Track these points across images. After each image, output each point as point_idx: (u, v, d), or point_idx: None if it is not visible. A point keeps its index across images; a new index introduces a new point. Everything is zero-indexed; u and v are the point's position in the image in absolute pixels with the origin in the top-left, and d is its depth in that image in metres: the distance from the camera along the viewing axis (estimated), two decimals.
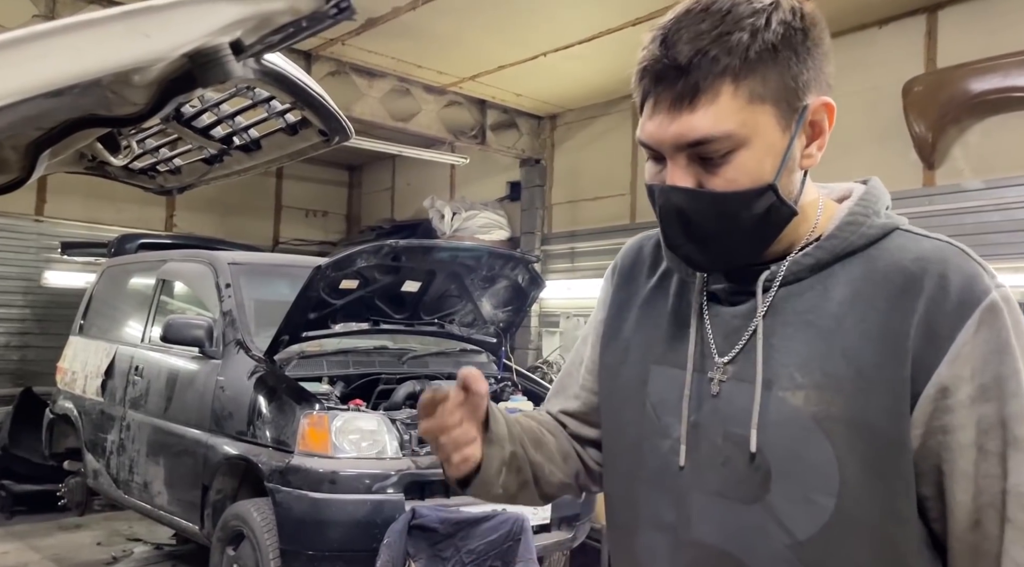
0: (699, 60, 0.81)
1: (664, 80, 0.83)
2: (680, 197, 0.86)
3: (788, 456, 0.85)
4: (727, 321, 0.93)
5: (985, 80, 4.40)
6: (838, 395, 0.83)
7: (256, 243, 7.41)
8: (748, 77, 0.82)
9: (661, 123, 0.84)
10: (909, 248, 0.87)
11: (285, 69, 0.98)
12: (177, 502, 4.06)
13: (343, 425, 3.42)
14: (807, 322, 0.87)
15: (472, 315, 4.42)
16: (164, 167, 1.50)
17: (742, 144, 0.83)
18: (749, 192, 0.85)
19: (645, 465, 0.97)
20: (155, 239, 6.08)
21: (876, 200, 0.92)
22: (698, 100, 0.82)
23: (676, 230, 0.88)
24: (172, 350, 4.24)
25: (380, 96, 6.32)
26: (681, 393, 0.93)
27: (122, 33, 0.47)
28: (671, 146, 0.85)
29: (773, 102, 0.83)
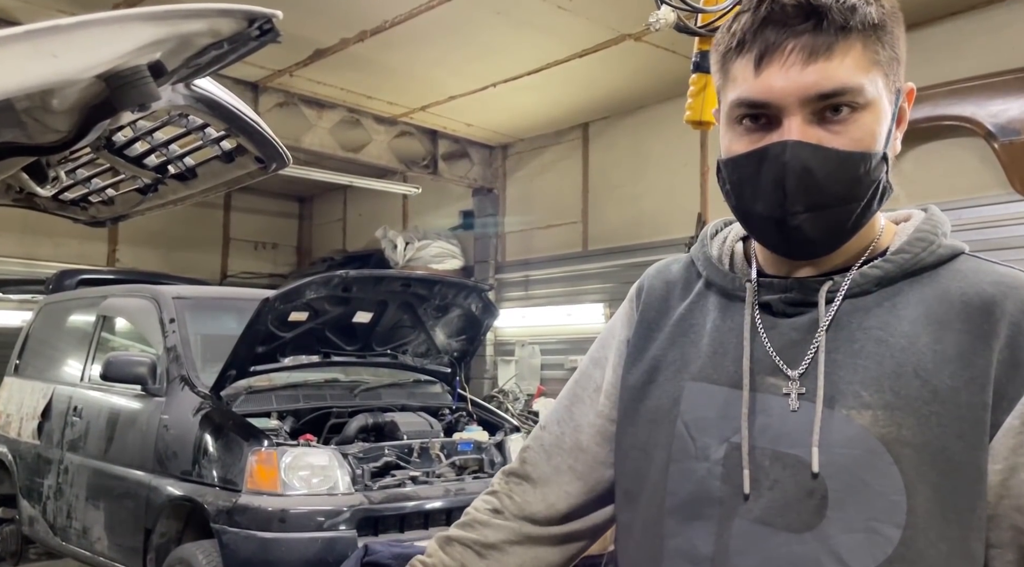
0: (839, 8, 0.77)
1: (796, 27, 0.78)
2: (809, 153, 0.78)
3: (850, 480, 0.77)
4: (785, 333, 0.85)
5: (916, 110, 4.54)
6: (910, 417, 0.77)
7: (203, 277, 7.25)
8: (872, 38, 0.79)
9: (790, 72, 0.77)
10: (985, 271, 0.83)
11: (217, 95, 0.96)
12: (118, 548, 3.89)
13: (293, 461, 3.33)
14: (876, 339, 0.81)
15: (425, 345, 4.38)
16: (96, 197, 1.46)
17: (867, 104, 0.79)
18: (869, 155, 0.79)
19: (675, 492, 0.87)
20: (96, 275, 5.89)
21: (942, 223, 0.88)
22: (835, 49, 0.77)
23: (799, 193, 0.79)
24: (113, 389, 4.09)
25: (330, 127, 6.30)
26: (723, 411, 0.85)
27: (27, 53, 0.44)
28: (798, 98, 0.78)
29: (885, 72, 0.80)
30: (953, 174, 4.59)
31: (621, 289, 6.36)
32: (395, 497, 3.46)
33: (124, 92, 0.54)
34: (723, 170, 0.86)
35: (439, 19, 4.75)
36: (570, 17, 4.71)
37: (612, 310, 6.44)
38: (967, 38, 4.60)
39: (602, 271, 6.58)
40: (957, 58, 4.57)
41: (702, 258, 0.97)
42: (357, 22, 4.88)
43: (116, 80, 0.52)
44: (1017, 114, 4.24)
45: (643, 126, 6.33)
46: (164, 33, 0.50)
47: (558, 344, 6.82)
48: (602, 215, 6.70)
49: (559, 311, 6.84)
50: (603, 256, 6.60)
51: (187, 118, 1.13)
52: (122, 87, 0.53)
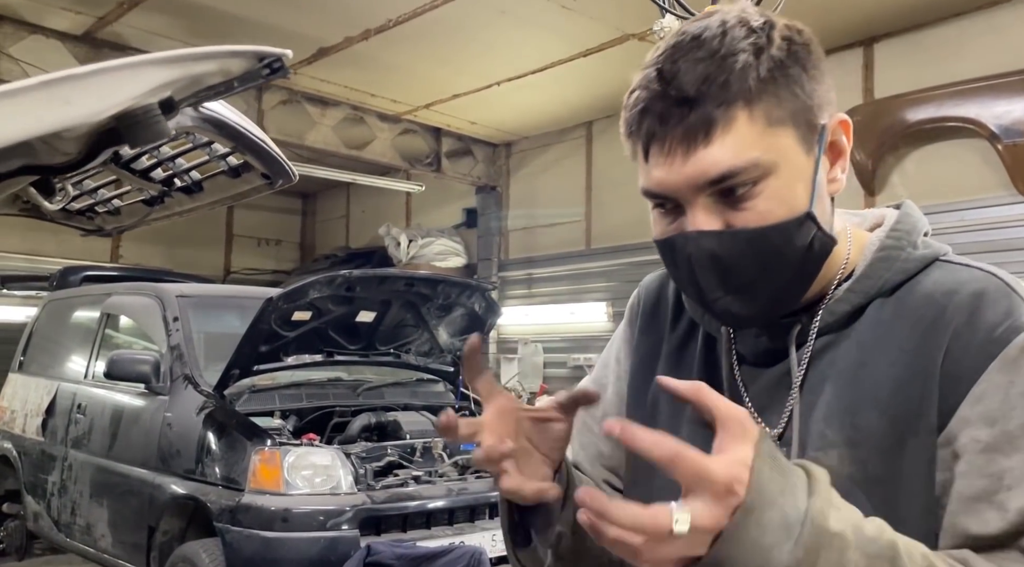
0: (707, 88, 0.72)
1: (670, 117, 0.73)
2: (712, 242, 0.75)
3: None
4: (762, 386, 0.83)
5: (920, 110, 4.59)
6: (873, 452, 0.74)
7: (206, 274, 7.27)
8: (762, 99, 0.73)
9: (673, 165, 0.74)
10: (943, 281, 0.78)
11: (223, 115, 0.97)
12: (121, 545, 3.91)
13: (296, 461, 3.35)
14: (837, 371, 0.78)
15: (428, 344, 4.39)
16: (103, 208, 1.47)
17: (769, 172, 0.74)
18: (788, 223, 0.74)
19: None
20: (100, 272, 5.91)
21: (910, 229, 0.82)
22: (713, 131, 0.72)
23: (712, 281, 0.76)
24: (117, 386, 4.11)
25: (333, 124, 6.30)
26: None
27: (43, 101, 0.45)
28: (689, 188, 0.74)
29: (792, 123, 0.75)
30: (956, 175, 4.58)
31: (624, 287, 6.36)
32: (398, 497, 3.47)
33: (136, 131, 0.55)
34: None
35: (443, 18, 4.75)
36: (574, 16, 4.70)
37: (615, 309, 6.45)
38: (972, 39, 4.58)
39: (605, 269, 6.59)
40: (961, 59, 4.56)
41: (685, 299, 0.93)
42: (361, 20, 4.88)
43: (128, 119, 0.53)
44: (1021, 116, 4.23)
45: None
46: (176, 75, 0.51)
47: (561, 342, 6.82)
48: (606, 213, 6.70)
49: (562, 309, 6.84)
50: (606, 254, 6.60)
51: (194, 135, 1.14)
52: (134, 126, 0.54)
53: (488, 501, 3.76)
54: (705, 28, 0.75)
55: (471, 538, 3.52)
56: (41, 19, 4.92)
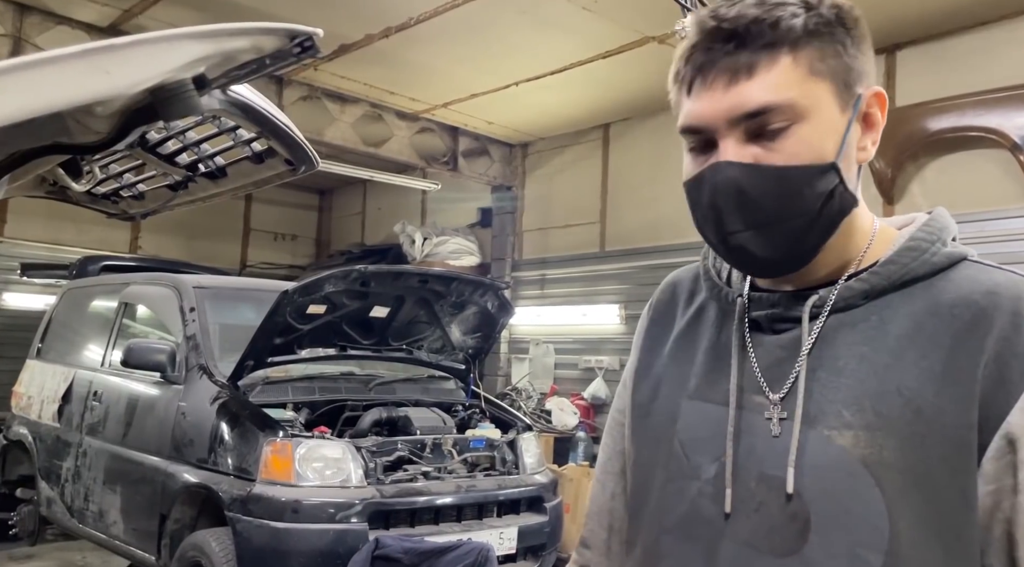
0: (757, 28, 0.77)
1: (718, 52, 0.78)
2: (739, 172, 0.77)
3: (831, 503, 0.75)
4: (771, 351, 0.84)
5: (941, 119, 4.55)
6: (892, 438, 0.74)
7: (223, 266, 7.33)
8: (806, 48, 0.77)
9: (714, 97, 0.78)
10: (980, 280, 0.78)
11: (251, 99, 0.98)
12: (133, 532, 3.95)
13: (307, 453, 3.37)
14: (860, 355, 0.78)
15: (441, 341, 4.41)
16: (127, 192, 1.49)
17: (802, 116, 0.77)
18: (812, 168, 0.77)
19: (671, 511, 0.86)
20: (118, 261, 5.97)
21: (942, 228, 0.83)
22: (757, 68, 0.77)
23: (733, 212, 0.79)
24: (133, 375, 4.15)
25: (352, 121, 6.33)
26: (715, 430, 0.84)
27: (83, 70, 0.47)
28: (725, 121, 0.78)
29: (831, 79, 0.79)
30: (977, 186, 4.54)
31: (637, 291, 6.35)
32: (407, 492, 3.49)
33: (170, 104, 0.56)
34: None
35: (464, 17, 4.77)
36: (594, 18, 4.70)
37: (628, 311, 6.44)
38: (996, 48, 4.54)
39: (619, 272, 6.58)
40: (985, 68, 4.52)
41: (702, 271, 0.97)
42: (382, 18, 4.90)
43: (162, 93, 0.54)
44: None
45: (664, 129, 6.31)
46: (210, 50, 0.52)
47: (573, 344, 6.82)
48: (620, 216, 6.69)
49: (575, 311, 6.84)
50: (620, 257, 6.59)
51: (220, 119, 1.15)
52: (168, 100, 0.56)
53: (496, 499, 3.77)
54: None
55: (479, 535, 3.53)
56: (68, 10, 4.99)
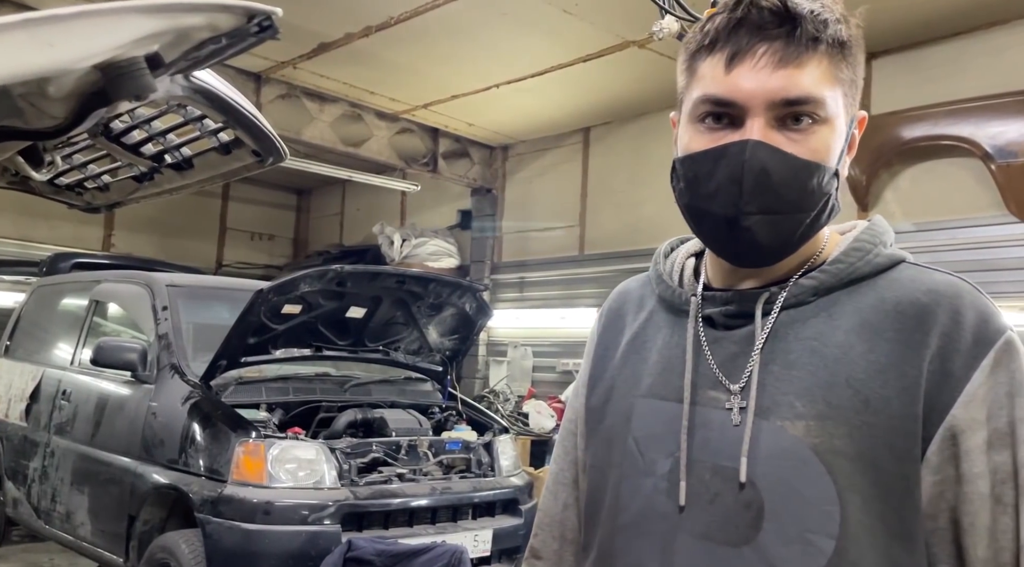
0: (816, 19, 0.78)
1: (771, 32, 0.78)
2: (768, 154, 0.78)
3: (784, 490, 0.78)
4: (726, 347, 0.86)
5: (915, 128, 4.62)
6: (842, 427, 0.77)
7: (198, 265, 7.24)
8: (837, 56, 0.80)
9: (759, 76, 0.78)
10: (921, 280, 0.83)
11: (216, 86, 0.96)
12: (101, 533, 3.88)
13: (280, 454, 3.33)
14: (811, 349, 0.81)
15: (418, 343, 4.38)
16: (92, 183, 1.45)
17: (827, 118, 0.80)
18: (825, 168, 0.80)
19: (625, 509, 0.87)
20: (90, 259, 5.87)
21: (883, 232, 0.88)
22: (805, 59, 0.78)
23: (754, 193, 0.79)
24: (103, 374, 4.08)
25: (331, 121, 6.29)
26: (669, 426, 0.86)
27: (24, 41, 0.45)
28: (764, 101, 0.78)
29: (845, 93, 0.82)
30: (949, 193, 4.61)
31: None
32: (381, 493, 3.46)
33: (120, 83, 0.54)
34: (679, 168, 0.85)
35: (444, 18, 4.75)
36: (575, 21, 4.71)
37: None
38: (969, 59, 4.61)
39: (598, 276, 6.59)
40: (958, 78, 4.59)
41: (655, 275, 0.98)
42: (362, 17, 4.88)
43: (113, 71, 0.52)
44: (1015, 137, 4.26)
45: (644, 133, 6.34)
46: (162, 26, 0.50)
47: (551, 347, 6.82)
48: (600, 220, 6.71)
49: (553, 314, 6.84)
50: (599, 261, 6.61)
51: (185, 108, 1.13)
52: (118, 78, 0.54)
53: (471, 501, 3.75)
54: None
55: (453, 537, 3.51)
56: (39, 2, 4.91)
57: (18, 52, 0.48)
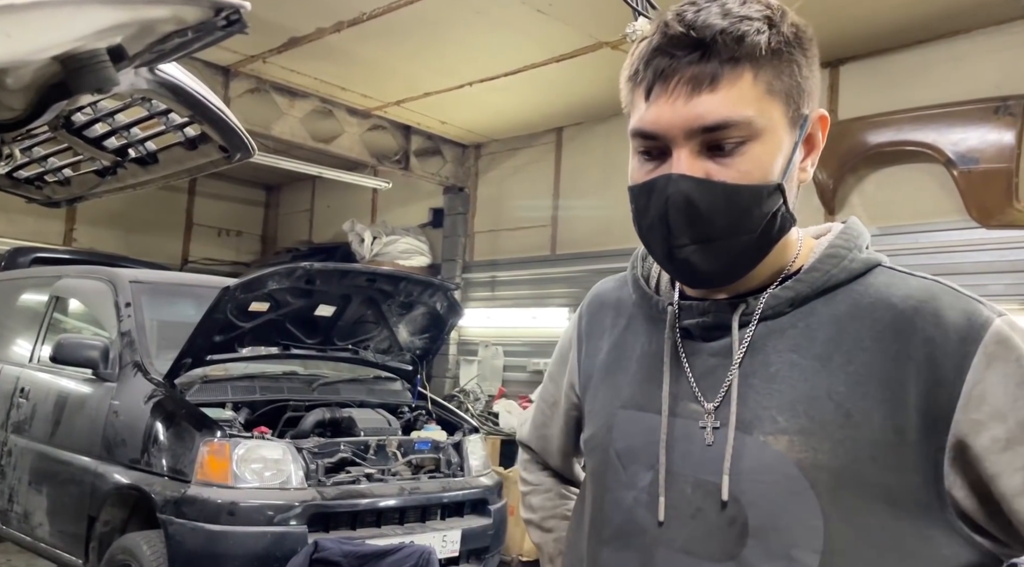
0: (725, 39, 0.75)
1: (683, 59, 0.76)
2: (691, 186, 0.77)
3: (768, 507, 0.77)
4: (703, 359, 0.85)
5: (881, 133, 4.70)
6: (824, 441, 0.76)
7: (163, 261, 7.11)
8: (766, 67, 0.77)
9: (675, 106, 0.76)
10: (896, 285, 0.81)
11: (182, 81, 0.94)
12: (60, 534, 3.79)
13: (246, 453, 3.28)
14: (791, 362, 0.80)
15: (388, 341, 4.35)
16: (52, 177, 1.41)
17: (757, 135, 0.77)
18: (761, 188, 0.78)
19: (608, 521, 0.87)
20: (51, 254, 5.73)
21: (858, 236, 0.86)
22: (720, 81, 0.76)
23: (682, 226, 0.78)
24: (63, 371, 3.99)
25: (301, 116, 6.22)
26: (649, 438, 0.85)
27: None
28: (683, 131, 0.77)
29: (784, 99, 0.79)
30: (913, 199, 4.70)
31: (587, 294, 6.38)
32: (348, 494, 3.43)
33: (81, 75, 0.52)
34: (629, 196, 0.85)
35: (417, 15, 4.72)
36: (548, 21, 4.71)
37: None
38: (932, 66, 4.71)
39: (569, 275, 6.61)
40: (922, 85, 4.68)
41: (632, 279, 0.98)
42: (334, 12, 4.82)
43: (73, 63, 0.50)
44: (976, 144, 4.35)
45: (616, 134, 6.36)
46: (125, 18, 0.49)
47: (522, 346, 6.82)
48: (572, 220, 6.72)
49: (524, 313, 6.84)
50: (571, 260, 6.62)
51: (150, 102, 1.10)
52: (79, 70, 0.52)
53: (440, 502, 3.73)
54: None
55: (421, 538, 3.49)
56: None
57: None
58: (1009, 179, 4.28)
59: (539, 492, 1.14)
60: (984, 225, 4.39)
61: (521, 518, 1.16)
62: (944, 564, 0.76)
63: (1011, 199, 4.28)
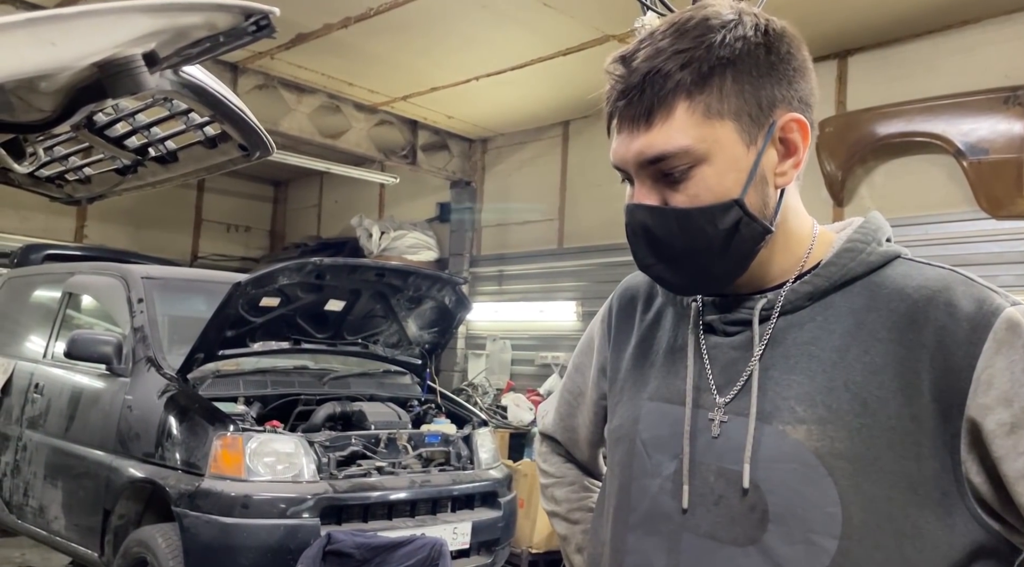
0: (653, 77, 0.81)
1: (624, 99, 0.83)
2: (644, 214, 0.85)
3: (787, 493, 0.80)
4: (725, 353, 0.89)
5: (890, 124, 4.69)
6: (842, 430, 0.79)
7: (173, 257, 7.15)
8: (703, 92, 0.81)
9: (623, 142, 0.84)
10: (912, 275, 0.83)
11: (204, 81, 0.96)
12: (75, 527, 3.83)
13: (258, 447, 3.32)
14: (809, 354, 0.83)
15: (397, 336, 4.37)
16: (73, 176, 1.43)
17: (702, 159, 0.82)
18: (712, 208, 0.82)
19: (634, 508, 0.91)
20: (63, 250, 5.78)
21: (876, 229, 0.89)
22: (654, 117, 0.81)
23: (643, 249, 0.87)
24: (77, 367, 4.03)
25: (309, 112, 6.24)
26: (674, 429, 0.89)
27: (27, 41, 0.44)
28: (634, 164, 0.84)
29: (733, 117, 0.82)
30: (923, 190, 4.68)
31: (595, 288, 6.39)
32: (360, 487, 3.46)
33: (118, 80, 0.54)
34: None
35: (424, 9, 4.73)
36: (555, 15, 4.71)
37: (585, 308, 6.48)
38: (942, 57, 4.69)
39: (576, 269, 6.62)
40: (932, 76, 4.67)
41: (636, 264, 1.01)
42: (341, 8, 4.84)
43: (110, 68, 0.52)
44: (986, 134, 4.34)
45: None
46: (162, 25, 0.50)
47: (530, 340, 6.84)
48: (579, 213, 6.73)
49: (532, 307, 6.86)
50: (578, 254, 6.63)
51: (171, 102, 1.12)
52: (116, 75, 0.53)
53: (451, 494, 3.76)
54: (677, 19, 0.84)
55: (433, 530, 3.52)
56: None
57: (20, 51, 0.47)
58: (1019, 169, 4.27)
59: (563, 484, 1.16)
60: (994, 216, 4.38)
61: (544, 509, 1.18)
62: (963, 551, 0.77)
63: (1021, 190, 4.27)
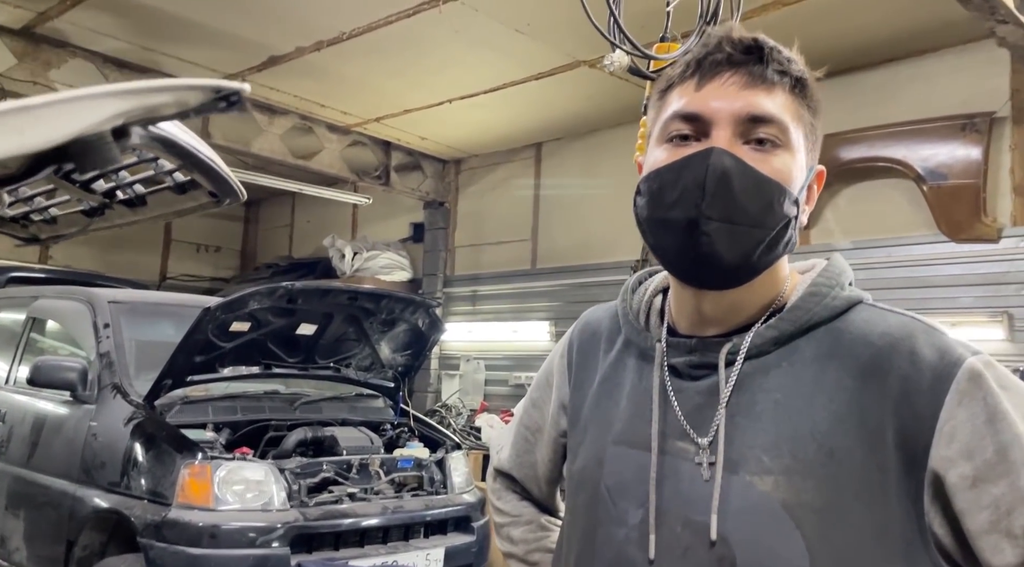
0: (776, 56, 0.84)
1: (739, 58, 0.83)
2: (731, 161, 0.80)
3: (755, 546, 0.78)
4: (691, 397, 0.87)
5: (852, 149, 4.80)
6: (809, 480, 0.77)
7: (142, 279, 7.05)
8: (799, 97, 0.85)
9: (728, 93, 0.82)
10: (875, 322, 0.83)
11: (173, 133, 0.96)
12: (37, 559, 3.74)
13: (227, 475, 3.27)
14: (775, 401, 0.82)
15: (370, 359, 4.35)
16: (38, 216, 1.42)
17: (788, 145, 0.83)
18: (786, 190, 0.82)
19: (598, 557, 0.88)
20: (27, 273, 5.67)
21: (840, 273, 0.89)
22: (772, 86, 0.83)
23: (716, 197, 0.80)
24: (40, 394, 3.95)
25: (281, 133, 6.22)
26: (639, 476, 0.86)
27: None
28: (730, 115, 0.82)
29: (805, 131, 0.86)
30: (885, 213, 4.80)
31: (567, 308, 6.43)
32: (331, 514, 3.42)
33: (86, 157, 0.55)
34: (643, 186, 0.87)
35: (397, 34, 4.76)
36: (527, 40, 4.77)
37: (558, 328, 6.51)
38: (902, 84, 4.83)
39: (549, 289, 6.65)
40: (892, 102, 4.80)
41: (622, 312, 0.99)
42: (313, 32, 4.85)
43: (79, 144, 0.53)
44: (945, 160, 4.47)
45: (595, 149, 6.44)
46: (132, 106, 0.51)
47: (503, 360, 6.84)
48: (552, 234, 6.78)
49: (505, 327, 6.87)
50: (551, 275, 6.67)
51: (140, 150, 1.12)
52: (84, 151, 0.54)
53: (423, 520, 3.74)
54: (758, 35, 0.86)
55: (405, 557, 3.49)
56: None
57: None
58: (977, 194, 4.40)
59: (520, 523, 1.13)
60: (953, 239, 4.50)
61: (500, 550, 1.15)
62: None
63: (979, 213, 4.40)
